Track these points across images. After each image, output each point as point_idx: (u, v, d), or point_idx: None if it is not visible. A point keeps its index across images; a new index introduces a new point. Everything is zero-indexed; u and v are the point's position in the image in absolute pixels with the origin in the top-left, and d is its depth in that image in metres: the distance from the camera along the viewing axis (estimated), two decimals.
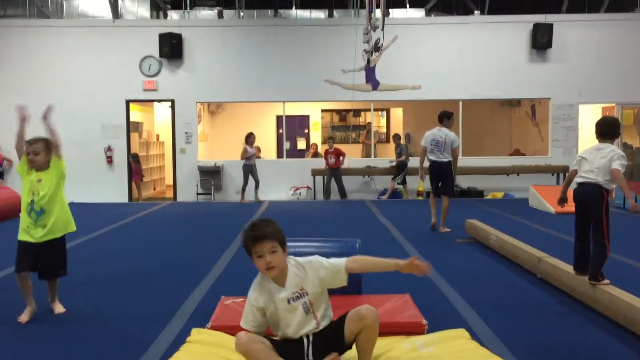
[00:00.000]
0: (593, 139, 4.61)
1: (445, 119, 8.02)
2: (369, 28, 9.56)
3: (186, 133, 13.21)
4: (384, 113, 16.90)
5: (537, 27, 12.85)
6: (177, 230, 8.66)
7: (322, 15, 14.31)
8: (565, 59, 13.13)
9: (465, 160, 13.18)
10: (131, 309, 4.54)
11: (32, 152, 4.14)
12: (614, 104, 13.42)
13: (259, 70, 13.19)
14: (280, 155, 15.18)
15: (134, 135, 13.83)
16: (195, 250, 7.00)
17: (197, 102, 13.39)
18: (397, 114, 16.68)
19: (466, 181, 13.17)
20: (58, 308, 4.37)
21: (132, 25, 13.23)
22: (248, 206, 11.33)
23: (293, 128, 15.97)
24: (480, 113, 15.30)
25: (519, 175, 12.84)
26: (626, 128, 13.82)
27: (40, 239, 4.18)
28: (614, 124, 4.54)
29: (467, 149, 13.66)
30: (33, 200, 4.15)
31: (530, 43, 13.08)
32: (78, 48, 13.03)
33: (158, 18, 14.02)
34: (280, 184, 13.23)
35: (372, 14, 9.28)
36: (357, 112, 16.54)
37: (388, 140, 16.82)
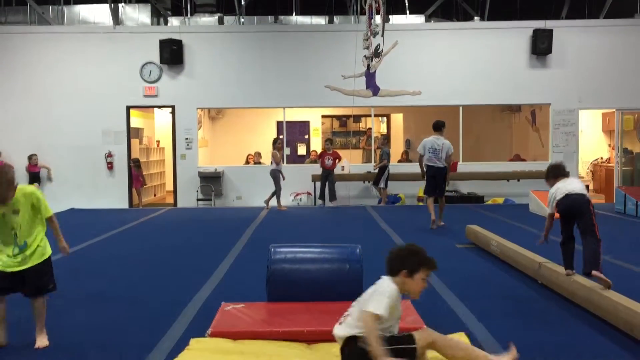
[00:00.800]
0: (593, 144, 4.74)
1: (439, 128, 8.80)
2: (369, 34, 9.58)
3: (186, 139, 13.22)
4: (384, 119, 16.91)
5: (537, 33, 12.87)
6: (178, 236, 8.65)
7: (323, 22, 14.34)
8: (565, 65, 13.14)
9: (466, 166, 13.19)
10: (130, 314, 4.53)
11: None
12: (614, 110, 13.42)
13: (260, 76, 13.20)
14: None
15: (135, 141, 13.83)
16: (195, 257, 7.00)
17: (198, 108, 13.40)
18: (398, 119, 16.70)
19: (467, 187, 13.16)
20: (41, 341, 3.79)
21: (133, 32, 13.25)
22: (249, 213, 11.32)
23: (293, 134, 15.98)
24: (481, 119, 15.32)
25: (519, 180, 12.83)
26: (626, 134, 13.83)
27: (18, 267, 3.78)
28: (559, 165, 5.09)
29: (468, 155, 13.66)
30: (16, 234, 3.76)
31: (530, 49, 13.09)
32: (79, 54, 13.05)
33: (159, 24, 14.05)
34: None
35: (372, 20, 9.30)
36: (358, 118, 16.55)
37: (389, 146, 16.82)
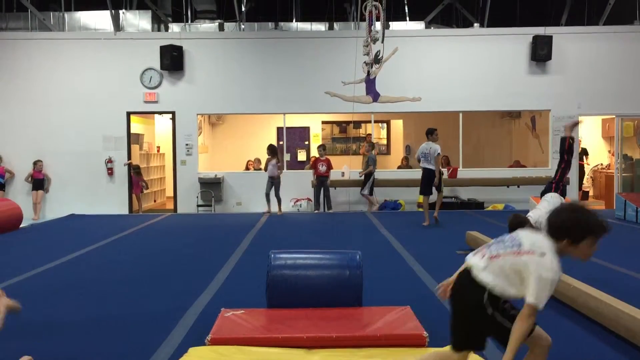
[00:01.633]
0: (593, 150, 4.70)
1: (429, 134, 9.77)
2: (369, 40, 9.59)
3: (187, 145, 13.23)
4: (385, 125, 16.94)
5: (537, 39, 12.90)
6: (177, 242, 8.64)
7: (323, 28, 14.37)
8: (564, 71, 13.16)
9: (466, 172, 13.19)
10: (129, 320, 4.52)
11: None
12: (614, 116, 13.44)
13: (260, 82, 13.22)
14: (280, 166, 15.16)
15: (135, 147, 13.84)
16: (195, 262, 6.99)
17: (198, 114, 13.41)
18: (398, 125, 16.72)
19: (467, 193, 13.16)
20: None
21: (134, 38, 13.28)
22: (248, 219, 11.32)
23: (293, 140, 16.00)
24: (481, 125, 15.34)
25: (519, 186, 12.83)
26: (626, 140, 13.85)
27: None
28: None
29: (468, 161, 13.67)
30: None
31: (529, 55, 13.11)
32: (79, 60, 13.08)
33: (159, 31, 14.08)
34: (280, 195, 13.21)
35: (372, 27, 9.31)
36: (358, 124, 16.57)
37: (389, 152, 16.86)
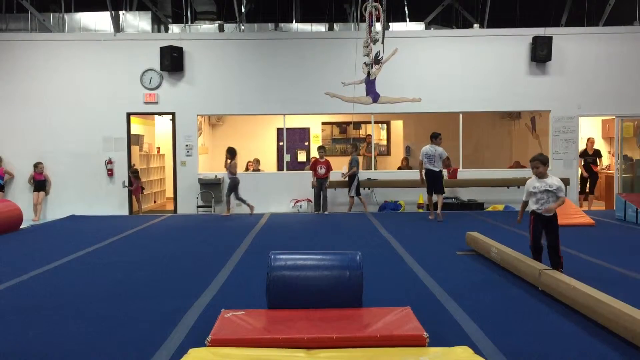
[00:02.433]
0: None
1: (433, 138, 10.57)
2: (369, 41, 9.58)
3: (187, 146, 13.23)
4: (385, 125, 16.95)
5: (537, 40, 12.91)
6: (178, 243, 8.64)
7: (323, 29, 14.37)
8: (564, 72, 13.17)
9: (466, 173, 13.19)
10: (129, 321, 4.52)
11: None
12: (614, 116, 13.44)
13: (260, 83, 13.23)
14: (280, 167, 15.19)
15: (135, 148, 13.84)
16: (195, 263, 6.99)
17: (198, 115, 13.41)
18: (398, 126, 16.73)
19: (467, 193, 13.16)
20: None
21: (134, 39, 13.29)
22: (248, 220, 11.32)
23: (293, 140, 16.01)
24: (481, 125, 15.34)
25: (519, 187, 12.80)
26: (626, 140, 13.84)
27: None
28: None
29: (468, 162, 13.66)
30: None
31: (529, 56, 13.12)
32: (80, 62, 13.09)
33: (159, 32, 14.08)
34: (280, 196, 13.23)
35: (372, 27, 9.31)
36: (358, 125, 16.58)
37: (389, 153, 16.87)
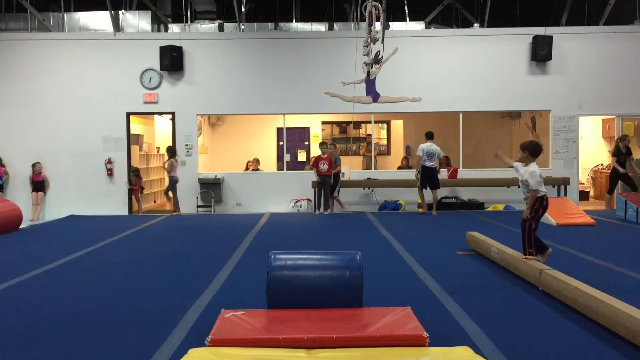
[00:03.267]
0: (593, 150, 4.65)
1: (431, 137, 11.20)
2: (369, 41, 9.58)
3: (186, 145, 13.22)
4: (385, 125, 16.94)
5: (537, 40, 12.90)
6: (177, 243, 8.63)
7: (323, 28, 14.36)
8: (565, 71, 13.16)
9: (466, 172, 13.18)
10: (129, 321, 4.51)
11: None
12: (614, 116, 13.43)
13: (260, 83, 13.22)
14: (280, 167, 15.19)
15: (134, 148, 13.83)
16: (195, 263, 6.97)
17: (198, 115, 13.40)
18: (398, 126, 16.72)
19: (467, 193, 13.14)
20: None
21: (133, 39, 13.27)
22: (248, 219, 11.31)
23: (293, 140, 16.00)
24: (481, 125, 15.33)
25: (519, 187, 12.81)
26: None
27: None
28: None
29: (468, 161, 13.65)
30: None
31: (530, 55, 13.11)
32: (79, 61, 13.07)
33: (159, 31, 14.06)
34: (280, 196, 13.21)
35: (372, 27, 9.30)
36: (358, 124, 16.57)
37: (389, 153, 16.86)
